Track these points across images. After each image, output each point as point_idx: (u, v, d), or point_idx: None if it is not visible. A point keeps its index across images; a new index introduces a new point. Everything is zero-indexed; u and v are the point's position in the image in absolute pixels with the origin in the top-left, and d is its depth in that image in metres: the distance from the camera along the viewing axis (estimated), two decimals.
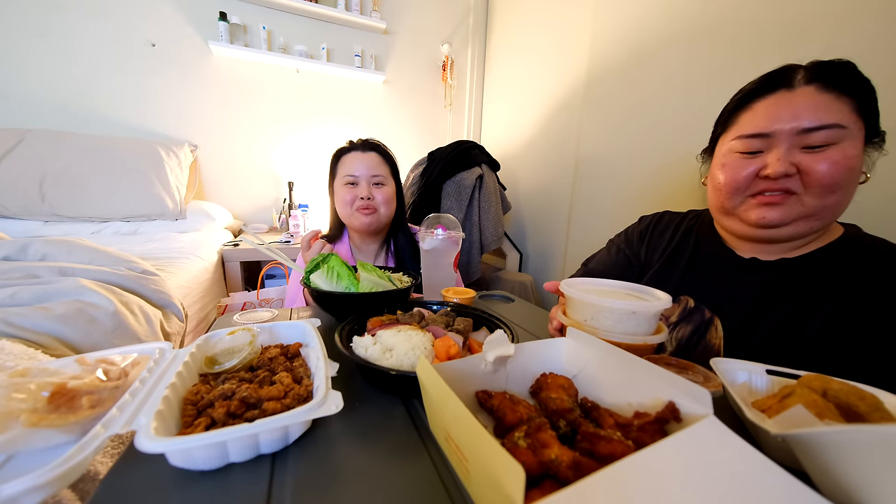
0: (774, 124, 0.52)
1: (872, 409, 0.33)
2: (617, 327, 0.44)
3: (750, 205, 0.57)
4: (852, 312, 0.51)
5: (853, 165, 0.49)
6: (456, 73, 2.45)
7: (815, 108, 0.49)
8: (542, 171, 1.88)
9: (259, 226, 2.17)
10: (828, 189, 0.50)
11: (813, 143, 0.50)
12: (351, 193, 0.99)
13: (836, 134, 0.48)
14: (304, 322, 0.50)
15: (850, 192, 0.52)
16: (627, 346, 0.42)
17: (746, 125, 0.56)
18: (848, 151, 0.49)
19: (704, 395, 0.29)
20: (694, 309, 0.64)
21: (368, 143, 1.05)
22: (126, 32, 1.79)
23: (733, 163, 0.57)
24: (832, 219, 0.54)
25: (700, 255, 0.68)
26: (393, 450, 0.34)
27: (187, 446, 0.29)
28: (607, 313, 0.44)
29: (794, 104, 0.51)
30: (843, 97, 0.49)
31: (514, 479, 0.20)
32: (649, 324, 0.44)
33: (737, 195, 0.58)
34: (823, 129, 0.48)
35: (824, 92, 0.50)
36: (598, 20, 1.49)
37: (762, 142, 0.53)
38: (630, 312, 0.44)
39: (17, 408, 0.30)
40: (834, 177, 0.49)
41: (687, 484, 0.22)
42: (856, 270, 0.52)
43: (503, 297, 0.91)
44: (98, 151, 1.65)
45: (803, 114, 0.49)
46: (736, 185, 0.57)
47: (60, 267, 0.87)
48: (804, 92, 0.51)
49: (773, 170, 0.52)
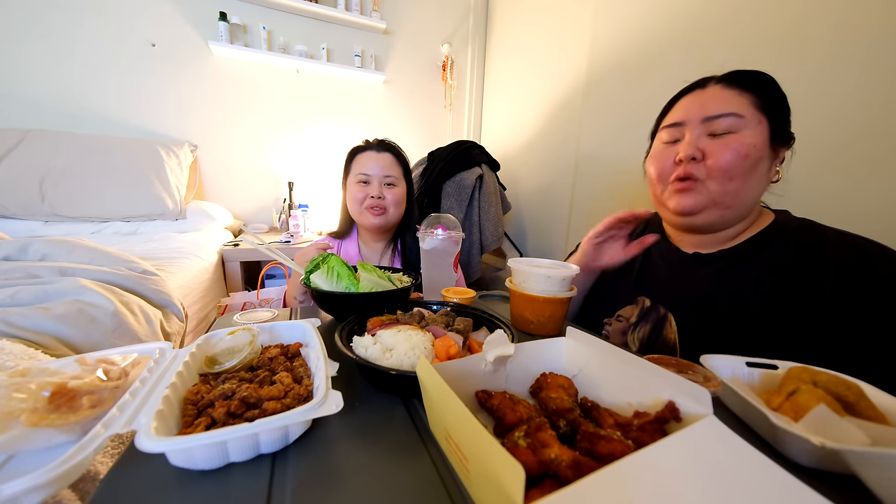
0: (686, 114, 0.61)
1: (859, 397, 0.35)
2: (538, 287, 0.62)
3: (669, 192, 0.63)
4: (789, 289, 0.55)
5: (748, 153, 0.55)
6: (456, 73, 2.45)
7: (719, 100, 0.58)
8: (542, 171, 1.87)
9: (259, 226, 2.17)
10: (725, 174, 0.56)
11: (716, 131, 0.57)
12: (363, 192, 1.01)
13: (735, 122, 0.56)
14: (304, 322, 0.50)
15: (750, 181, 0.57)
16: (545, 299, 0.61)
17: (669, 118, 0.65)
18: (745, 140, 0.55)
19: (704, 395, 0.29)
20: (650, 308, 0.68)
21: (384, 143, 1.07)
22: (126, 32, 1.79)
23: (658, 153, 0.65)
24: (738, 206, 0.59)
25: (651, 255, 0.73)
26: (393, 450, 0.34)
27: (187, 446, 0.29)
28: (531, 277, 0.63)
29: (704, 98, 0.60)
30: (745, 93, 0.57)
31: (514, 478, 0.20)
32: (561, 285, 0.62)
33: (661, 182, 0.64)
34: (723, 116, 0.56)
35: (728, 88, 0.58)
36: (598, 20, 1.49)
37: (679, 130, 0.62)
38: (546, 276, 0.62)
39: (17, 408, 0.30)
40: (730, 161, 0.55)
41: (687, 484, 0.22)
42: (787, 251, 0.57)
43: (503, 297, 0.91)
44: (98, 151, 1.65)
45: (709, 104, 0.58)
46: (660, 172, 0.64)
47: (60, 267, 0.86)
48: (713, 89, 0.60)
49: (683, 152, 0.59)
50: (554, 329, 0.64)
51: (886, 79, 0.76)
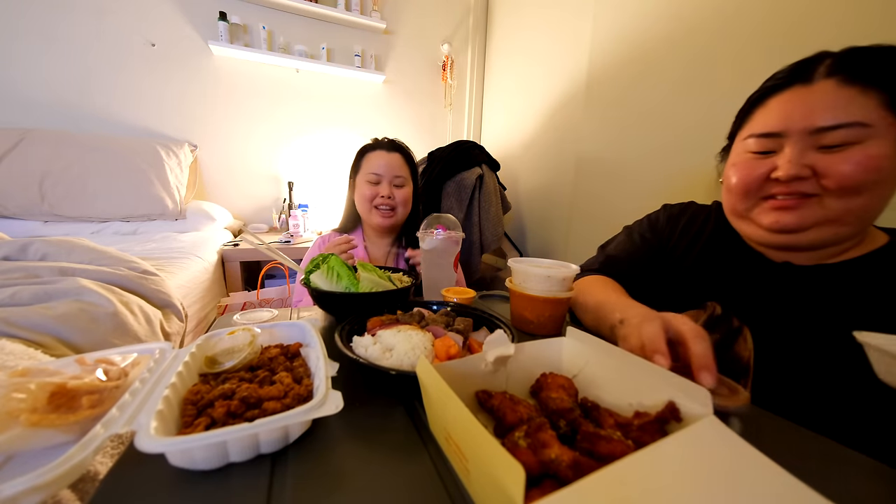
0: (786, 123, 0.48)
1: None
2: (538, 287, 0.62)
3: (763, 208, 0.53)
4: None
5: (879, 166, 0.44)
6: (456, 73, 2.45)
7: (832, 104, 0.45)
8: (542, 171, 1.87)
9: (259, 226, 2.17)
10: (850, 191, 0.45)
11: (829, 143, 0.46)
12: (372, 191, 1.02)
13: (856, 133, 0.44)
14: (304, 322, 0.50)
15: (881, 195, 0.46)
16: (545, 299, 0.61)
17: (759, 123, 0.52)
18: (871, 151, 0.44)
19: (704, 395, 0.29)
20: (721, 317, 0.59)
21: (394, 143, 1.09)
22: (126, 32, 1.78)
23: (745, 163, 0.54)
24: (862, 224, 0.49)
25: (727, 257, 0.62)
26: (393, 450, 0.34)
27: (187, 446, 0.29)
28: (531, 277, 0.63)
29: (809, 101, 0.47)
30: (870, 90, 0.44)
31: (514, 478, 0.20)
32: (561, 285, 0.62)
33: (748, 198, 0.55)
34: (841, 128, 0.44)
35: (846, 86, 0.45)
36: (598, 20, 1.49)
37: (774, 142, 0.50)
38: (546, 276, 0.62)
39: (17, 408, 0.30)
40: (855, 179, 0.44)
41: (687, 484, 0.22)
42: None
43: (503, 297, 0.91)
44: (98, 151, 1.65)
45: (818, 111, 0.46)
46: (747, 186, 0.54)
47: (60, 267, 0.87)
48: (822, 87, 0.46)
49: (784, 172, 0.48)
50: (554, 329, 0.64)
51: None
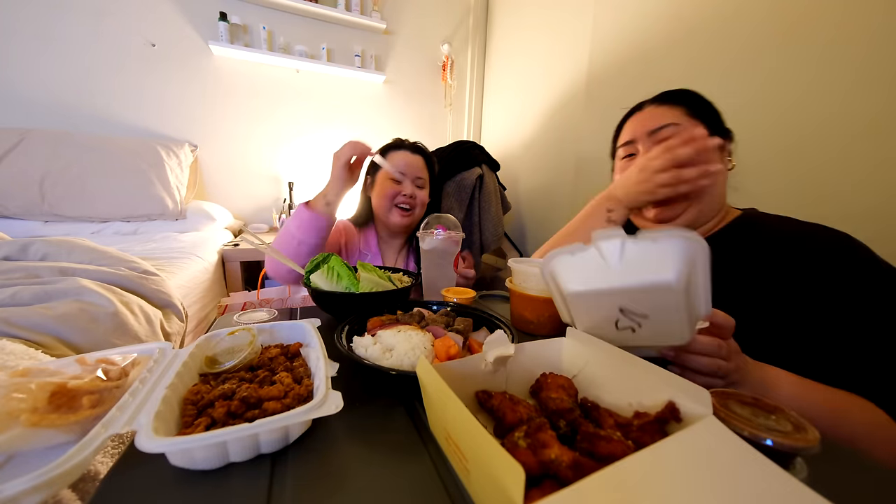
0: (634, 134, 0.70)
1: None
2: (538, 287, 0.63)
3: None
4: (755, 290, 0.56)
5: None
6: (456, 73, 2.45)
7: (656, 115, 0.68)
8: (542, 171, 1.87)
9: (259, 226, 2.17)
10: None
11: (660, 138, 0.65)
12: (394, 189, 1.04)
13: (673, 130, 0.63)
14: (304, 322, 0.50)
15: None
16: (545, 299, 0.61)
17: (621, 139, 0.74)
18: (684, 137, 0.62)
19: (704, 395, 0.29)
20: None
21: (417, 145, 1.13)
22: (126, 32, 1.78)
23: (621, 168, 0.73)
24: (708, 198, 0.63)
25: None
26: (393, 450, 0.34)
27: (187, 446, 0.29)
28: (532, 277, 0.64)
29: (643, 117, 0.70)
30: (675, 107, 0.66)
31: (514, 479, 0.20)
32: None
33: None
34: (664, 127, 0.65)
35: (661, 106, 0.68)
36: (598, 21, 1.49)
37: (632, 147, 0.71)
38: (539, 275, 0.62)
39: (17, 408, 0.30)
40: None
41: (687, 484, 0.22)
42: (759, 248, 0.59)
43: (503, 297, 0.91)
44: (98, 151, 1.65)
45: (648, 121, 0.68)
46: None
47: (61, 267, 0.87)
48: (648, 109, 0.70)
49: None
50: (554, 329, 0.64)
51: (887, 79, 0.76)
